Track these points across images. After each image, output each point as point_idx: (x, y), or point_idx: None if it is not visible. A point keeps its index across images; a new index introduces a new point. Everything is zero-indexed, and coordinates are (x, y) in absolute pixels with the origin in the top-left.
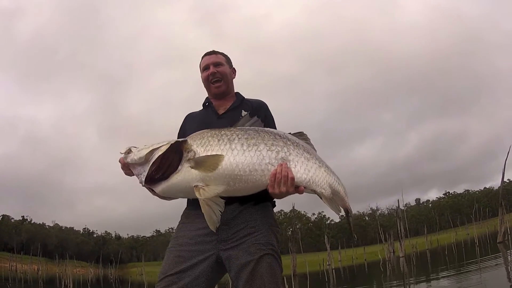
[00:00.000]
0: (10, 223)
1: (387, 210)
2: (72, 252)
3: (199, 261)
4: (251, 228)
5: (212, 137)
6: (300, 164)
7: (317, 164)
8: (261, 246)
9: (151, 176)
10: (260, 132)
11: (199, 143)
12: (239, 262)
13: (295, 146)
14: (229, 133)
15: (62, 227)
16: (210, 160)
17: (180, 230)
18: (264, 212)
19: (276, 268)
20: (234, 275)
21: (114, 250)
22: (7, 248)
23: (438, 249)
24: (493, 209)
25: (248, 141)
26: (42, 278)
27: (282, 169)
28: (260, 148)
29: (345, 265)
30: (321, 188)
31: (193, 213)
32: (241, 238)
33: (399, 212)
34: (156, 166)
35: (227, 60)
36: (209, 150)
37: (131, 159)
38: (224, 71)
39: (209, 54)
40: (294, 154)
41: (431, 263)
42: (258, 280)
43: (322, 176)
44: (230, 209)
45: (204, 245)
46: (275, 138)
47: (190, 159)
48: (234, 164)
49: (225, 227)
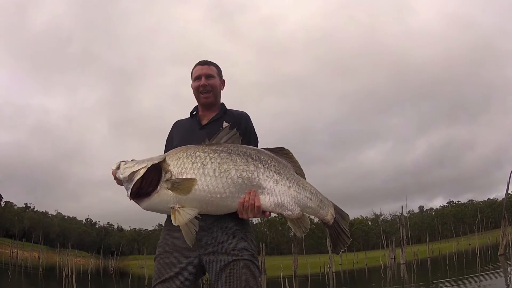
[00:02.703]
0: (13, 210)
1: (390, 216)
2: (74, 242)
3: (185, 266)
4: (228, 234)
5: (187, 158)
6: (267, 190)
7: (286, 186)
8: (238, 252)
9: (136, 193)
10: (233, 155)
11: (175, 164)
12: (218, 265)
13: (265, 168)
14: (203, 155)
15: (64, 216)
16: (184, 184)
17: (166, 238)
18: (240, 219)
19: (253, 269)
20: (214, 277)
21: (116, 242)
22: (9, 235)
23: (439, 257)
24: (495, 220)
25: (220, 166)
26: (43, 266)
27: (250, 198)
28: (231, 174)
29: (346, 269)
30: (288, 210)
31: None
32: (219, 244)
33: (403, 219)
34: (138, 185)
35: (218, 72)
36: (184, 173)
37: (118, 176)
38: (214, 83)
39: (202, 64)
40: (263, 179)
41: (431, 272)
42: (236, 281)
43: (290, 197)
44: (208, 216)
45: (187, 251)
46: (247, 161)
47: (167, 180)
48: (207, 190)
49: (204, 233)
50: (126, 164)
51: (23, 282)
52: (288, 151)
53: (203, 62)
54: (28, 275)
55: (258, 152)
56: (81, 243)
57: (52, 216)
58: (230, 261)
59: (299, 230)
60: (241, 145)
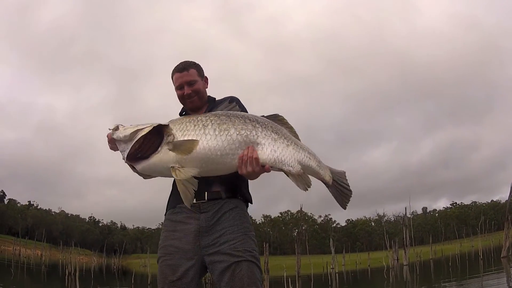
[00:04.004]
0: (16, 208)
1: (393, 217)
2: (77, 240)
3: (189, 267)
4: (230, 234)
5: (189, 122)
6: (267, 146)
7: (284, 144)
8: (240, 253)
9: (133, 154)
10: (231, 117)
11: (178, 128)
12: (221, 265)
13: (263, 128)
14: (205, 118)
15: (68, 214)
16: (186, 144)
17: (166, 239)
18: (241, 219)
19: (255, 270)
20: (216, 277)
21: (119, 240)
22: (12, 232)
23: (442, 259)
24: (499, 222)
25: (220, 126)
26: (45, 263)
27: (248, 151)
28: (231, 132)
29: (349, 270)
30: (288, 166)
31: (174, 221)
32: (221, 244)
33: (406, 220)
34: (138, 145)
35: (198, 73)
36: (186, 135)
37: (117, 136)
38: (198, 88)
39: (180, 71)
40: (262, 137)
41: (434, 273)
42: (238, 281)
43: (290, 154)
44: (209, 217)
45: (190, 252)
46: (245, 122)
47: (169, 142)
48: (207, 148)
49: (206, 234)
50: (126, 126)
51: (25, 279)
52: (282, 117)
53: (180, 68)
54: (31, 272)
55: (255, 116)
56: (84, 241)
57: (55, 214)
58: (232, 262)
59: (302, 185)
60: (239, 112)
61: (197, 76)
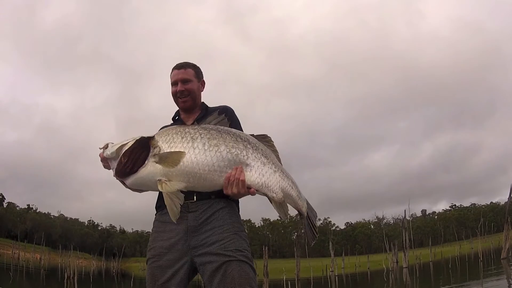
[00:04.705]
0: (15, 211)
1: (392, 220)
2: (76, 243)
3: (178, 268)
4: (219, 234)
5: (176, 134)
6: (256, 169)
7: (272, 169)
8: (231, 252)
9: (121, 170)
10: (223, 133)
11: (164, 140)
12: (211, 266)
13: (254, 149)
14: (193, 131)
15: (67, 218)
16: (172, 156)
17: (155, 241)
18: (231, 218)
19: (247, 270)
20: (207, 279)
21: (118, 244)
22: (11, 236)
23: (441, 261)
24: (498, 224)
25: (210, 141)
26: (44, 267)
27: (236, 173)
28: (221, 149)
29: (348, 273)
30: (272, 192)
31: (163, 222)
32: (211, 244)
33: (405, 222)
34: (125, 160)
35: (196, 74)
36: (173, 147)
37: (107, 154)
38: (191, 88)
39: (178, 69)
40: (252, 158)
41: (434, 276)
42: (230, 282)
43: (276, 181)
44: (198, 217)
45: (178, 253)
46: (236, 140)
47: (155, 154)
48: (195, 162)
49: (194, 234)
50: (114, 143)
51: (24, 283)
52: (270, 139)
53: (179, 66)
54: (30, 276)
55: (247, 135)
56: (83, 244)
57: (54, 218)
58: (223, 262)
59: (282, 212)
60: (231, 128)
61: (194, 76)
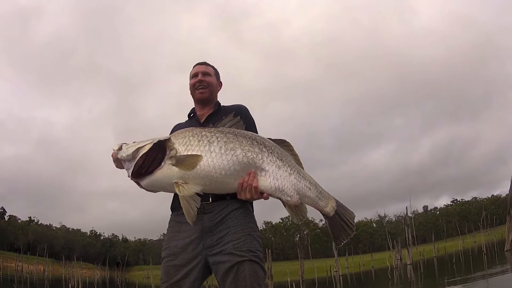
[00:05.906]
0: (17, 224)
1: (394, 217)
2: (79, 254)
3: (192, 267)
4: (233, 234)
5: (193, 136)
6: (270, 173)
7: (287, 172)
8: (243, 253)
9: (137, 171)
10: (239, 136)
11: (180, 142)
12: (224, 266)
13: (269, 153)
14: (209, 134)
15: (69, 229)
16: (189, 159)
17: (171, 240)
18: (246, 219)
19: (258, 270)
20: (220, 278)
21: (121, 253)
22: (14, 249)
23: (445, 256)
24: (500, 217)
25: (227, 145)
26: (48, 278)
27: (249, 178)
28: (237, 153)
29: (352, 272)
30: (286, 196)
31: (179, 222)
32: (224, 244)
33: (407, 219)
34: (141, 162)
35: (215, 73)
36: (190, 150)
37: (121, 156)
38: (211, 81)
39: (200, 64)
40: (267, 162)
41: (438, 271)
42: (242, 281)
43: (290, 184)
44: (213, 217)
45: (193, 252)
46: (252, 144)
47: (172, 157)
48: (211, 166)
49: (209, 234)
50: (129, 144)
51: None
52: (289, 144)
53: (201, 62)
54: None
55: (263, 139)
56: (86, 255)
57: (56, 229)
58: (235, 263)
59: (296, 216)
60: (247, 131)
61: (213, 73)
